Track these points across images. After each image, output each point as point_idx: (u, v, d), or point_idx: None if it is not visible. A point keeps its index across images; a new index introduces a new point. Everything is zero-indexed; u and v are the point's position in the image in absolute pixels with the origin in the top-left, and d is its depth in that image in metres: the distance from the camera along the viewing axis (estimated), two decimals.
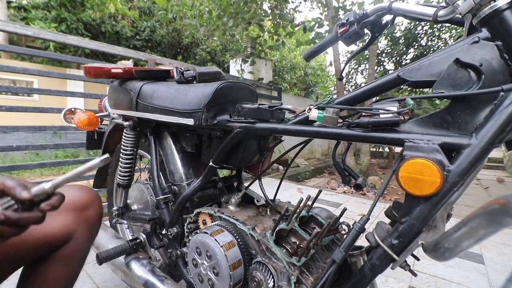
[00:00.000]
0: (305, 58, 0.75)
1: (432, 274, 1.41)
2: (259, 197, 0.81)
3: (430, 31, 5.76)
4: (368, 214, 0.47)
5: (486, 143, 0.38)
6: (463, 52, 0.43)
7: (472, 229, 0.30)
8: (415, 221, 0.42)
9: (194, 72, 0.86)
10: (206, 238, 0.61)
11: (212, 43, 8.19)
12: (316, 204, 0.68)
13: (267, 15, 4.32)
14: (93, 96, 2.83)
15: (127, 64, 0.93)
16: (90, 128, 1.07)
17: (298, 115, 0.61)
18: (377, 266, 0.46)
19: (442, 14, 0.49)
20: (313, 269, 0.57)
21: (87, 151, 4.69)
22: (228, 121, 0.68)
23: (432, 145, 0.41)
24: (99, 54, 6.66)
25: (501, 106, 0.38)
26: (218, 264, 0.58)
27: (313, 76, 9.72)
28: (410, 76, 0.47)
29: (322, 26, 4.37)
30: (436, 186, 0.39)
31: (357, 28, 0.63)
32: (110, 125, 1.14)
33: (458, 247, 0.33)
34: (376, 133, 0.46)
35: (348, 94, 0.54)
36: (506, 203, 0.24)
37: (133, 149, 0.98)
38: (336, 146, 0.61)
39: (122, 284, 1.23)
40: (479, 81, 0.41)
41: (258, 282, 0.57)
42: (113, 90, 0.97)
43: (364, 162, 4.46)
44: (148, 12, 8.21)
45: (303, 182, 4.26)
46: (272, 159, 0.89)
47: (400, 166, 0.42)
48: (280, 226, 0.59)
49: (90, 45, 2.86)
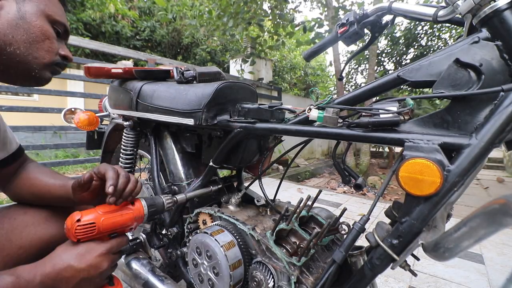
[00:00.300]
0: (305, 58, 0.75)
1: (432, 274, 1.41)
2: (259, 197, 0.81)
3: (430, 31, 5.76)
4: (368, 214, 0.47)
5: (486, 143, 0.38)
6: (463, 52, 0.43)
7: (472, 229, 0.30)
8: (415, 221, 0.42)
9: (194, 72, 0.86)
10: (206, 238, 0.61)
11: (212, 43, 8.19)
12: (316, 204, 0.68)
13: (267, 15, 4.32)
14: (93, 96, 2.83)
15: (127, 64, 0.93)
16: (90, 128, 1.07)
17: (298, 115, 0.61)
18: (377, 266, 0.46)
19: (442, 14, 0.49)
20: (313, 269, 0.57)
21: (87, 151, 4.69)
22: (228, 121, 0.68)
23: (432, 145, 0.41)
24: (99, 54, 6.66)
25: (501, 106, 0.38)
26: (218, 264, 0.58)
27: (313, 76, 9.73)
28: (410, 76, 0.47)
29: (322, 26, 4.37)
30: (436, 186, 0.39)
31: (357, 28, 0.63)
32: (110, 125, 1.14)
33: (458, 247, 0.33)
34: (376, 133, 0.46)
35: (348, 94, 0.54)
36: (506, 203, 0.24)
37: (133, 149, 0.98)
38: (336, 146, 0.61)
39: (122, 284, 1.23)
40: (479, 81, 0.41)
41: (258, 282, 0.57)
42: (113, 90, 0.97)
43: (364, 162, 4.47)
44: (148, 12, 8.21)
45: (303, 182, 4.26)
46: (272, 159, 0.90)
47: (400, 166, 0.42)
48: (280, 226, 0.59)
49: (90, 45, 2.87)
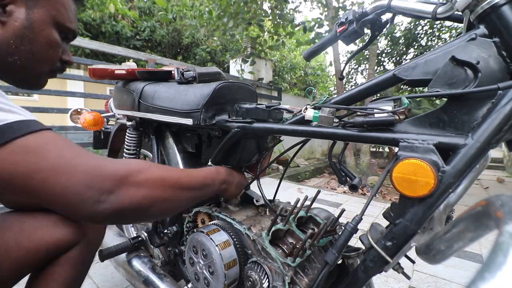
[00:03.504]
0: (305, 57, 0.75)
1: (432, 274, 1.41)
2: (259, 197, 0.81)
3: (430, 31, 5.74)
4: (361, 214, 0.46)
5: (483, 143, 0.37)
6: (460, 49, 0.42)
7: (461, 232, 0.29)
8: (409, 223, 0.41)
9: (194, 72, 0.86)
10: (202, 237, 0.62)
11: (212, 43, 8.19)
12: (315, 204, 0.68)
13: (267, 15, 4.32)
14: (93, 96, 2.84)
15: (131, 66, 0.95)
16: (96, 128, 1.10)
17: (296, 115, 0.61)
18: (370, 268, 0.46)
19: (441, 11, 0.49)
20: (308, 270, 0.57)
21: None
22: (227, 121, 0.68)
23: (427, 145, 0.40)
24: (99, 54, 6.66)
25: (498, 105, 0.38)
26: (213, 263, 0.58)
27: (313, 76, 9.72)
28: (406, 74, 0.46)
29: (322, 26, 4.36)
30: (430, 187, 0.38)
31: (356, 27, 0.62)
32: (116, 125, 1.17)
33: (449, 250, 0.33)
34: (371, 133, 0.46)
35: (344, 94, 0.54)
36: (488, 204, 0.23)
37: (136, 148, 0.99)
38: (332, 146, 0.61)
39: (122, 284, 1.24)
40: (475, 79, 0.40)
41: (253, 282, 0.57)
42: (118, 91, 0.99)
43: (364, 162, 4.46)
44: (148, 12, 8.22)
45: (303, 182, 4.25)
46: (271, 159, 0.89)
47: (394, 166, 0.41)
48: (277, 226, 0.59)
49: (90, 45, 2.87)
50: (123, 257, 0.94)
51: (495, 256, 0.17)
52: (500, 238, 0.18)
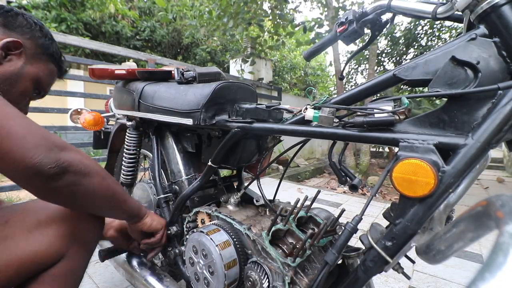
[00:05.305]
0: (305, 57, 0.75)
1: (432, 274, 1.41)
2: (259, 197, 0.81)
3: (430, 31, 5.74)
4: (361, 214, 0.46)
5: (483, 143, 0.38)
6: (460, 49, 0.42)
7: (461, 232, 0.29)
8: (409, 223, 0.41)
9: (194, 72, 0.86)
10: (202, 237, 0.62)
11: (212, 43, 8.19)
12: (315, 204, 0.68)
13: (267, 15, 4.32)
14: (93, 96, 2.83)
15: (131, 66, 0.95)
16: (96, 128, 1.10)
17: (296, 115, 0.61)
18: (370, 268, 0.46)
19: (441, 11, 0.49)
20: (308, 270, 0.57)
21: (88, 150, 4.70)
22: (227, 121, 0.68)
23: (427, 145, 0.40)
24: (99, 54, 6.66)
25: (498, 105, 0.38)
26: (213, 263, 0.58)
27: (313, 76, 9.72)
28: (406, 75, 0.46)
29: (322, 26, 4.36)
30: (430, 187, 0.38)
31: (356, 27, 0.62)
32: (116, 125, 1.17)
33: (449, 250, 0.33)
34: (371, 133, 0.46)
35: (344, 94, 0.54)
36: (488, 204, 0.23)
37: (136, 148, 0.99)
38: (332, 146, 0.60)
39: (122, 284, 1.24)
40: (476, 79, 0.40)
41: (253, 282, 0.57)
42: (118, 91, 0.99)
43: (364, 162, 4.46)
44: (148, 12, 8.23)
45: (303, 182, 4.25)
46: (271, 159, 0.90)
47: (394, 166, 0.41)
48: (276, 226, 0.59)
49: (90, 45, 2.87)
50: (123, 257, 0.94)
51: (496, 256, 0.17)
52: (501, 238, 0.18)
